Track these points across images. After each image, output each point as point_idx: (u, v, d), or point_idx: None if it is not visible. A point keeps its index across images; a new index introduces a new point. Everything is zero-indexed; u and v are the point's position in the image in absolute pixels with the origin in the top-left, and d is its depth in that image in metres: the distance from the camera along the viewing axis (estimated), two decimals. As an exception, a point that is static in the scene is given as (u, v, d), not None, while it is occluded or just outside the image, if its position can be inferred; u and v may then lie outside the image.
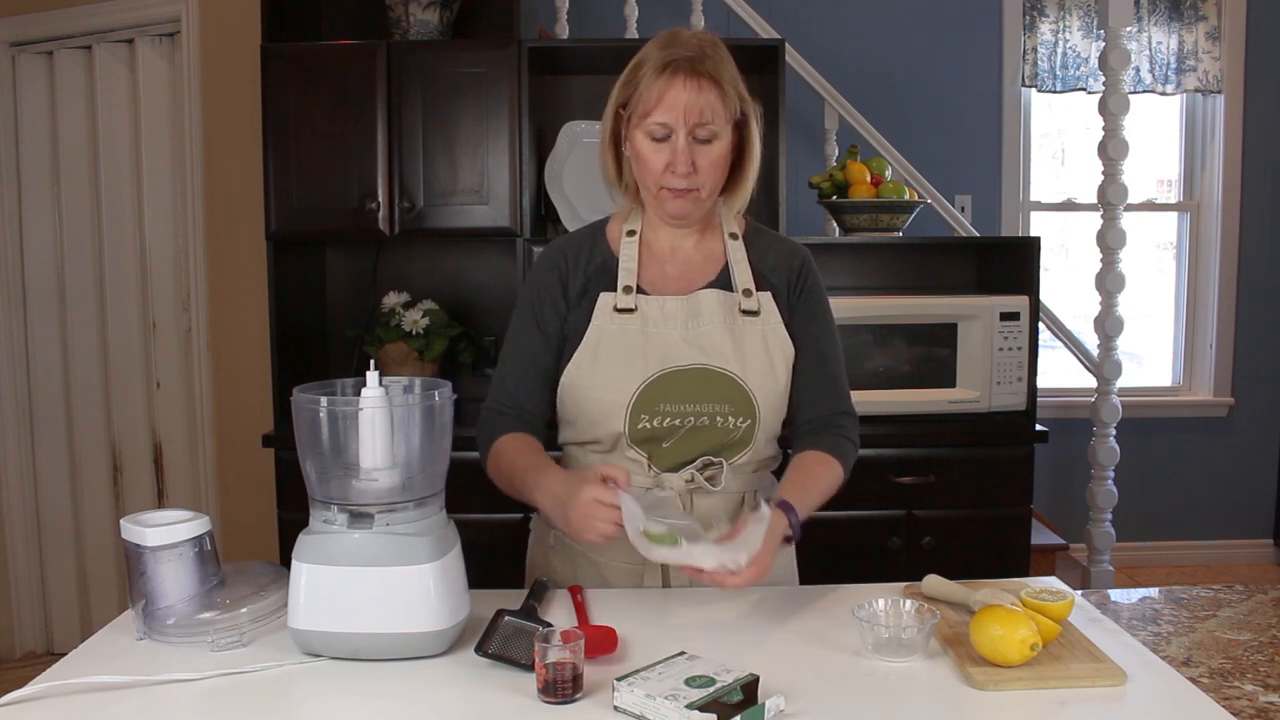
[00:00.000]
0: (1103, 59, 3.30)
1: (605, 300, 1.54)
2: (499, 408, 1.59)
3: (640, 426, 1.50)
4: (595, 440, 1.55)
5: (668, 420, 1.50)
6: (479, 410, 1.62)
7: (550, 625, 1.27)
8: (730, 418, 1.51)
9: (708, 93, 1.44)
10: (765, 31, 3.52)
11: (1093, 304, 3.43)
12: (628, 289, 1.54)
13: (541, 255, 1.63)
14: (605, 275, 1.56)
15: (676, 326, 1.52)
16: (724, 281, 1.56)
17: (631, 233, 1.58)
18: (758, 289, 1.56)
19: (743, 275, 1.56)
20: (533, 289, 1.59)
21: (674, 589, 1.53)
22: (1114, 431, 3.39)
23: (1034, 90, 4.26)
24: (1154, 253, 4.55)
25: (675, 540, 1.29)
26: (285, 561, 1.30)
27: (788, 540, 1.42)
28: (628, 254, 1.56)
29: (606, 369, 1.51)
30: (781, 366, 1.55)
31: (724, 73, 1.46)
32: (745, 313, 1.53)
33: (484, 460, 1.58)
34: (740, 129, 1.51)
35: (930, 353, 2.88)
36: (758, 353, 1.53)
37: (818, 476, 1.53)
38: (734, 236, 1.59)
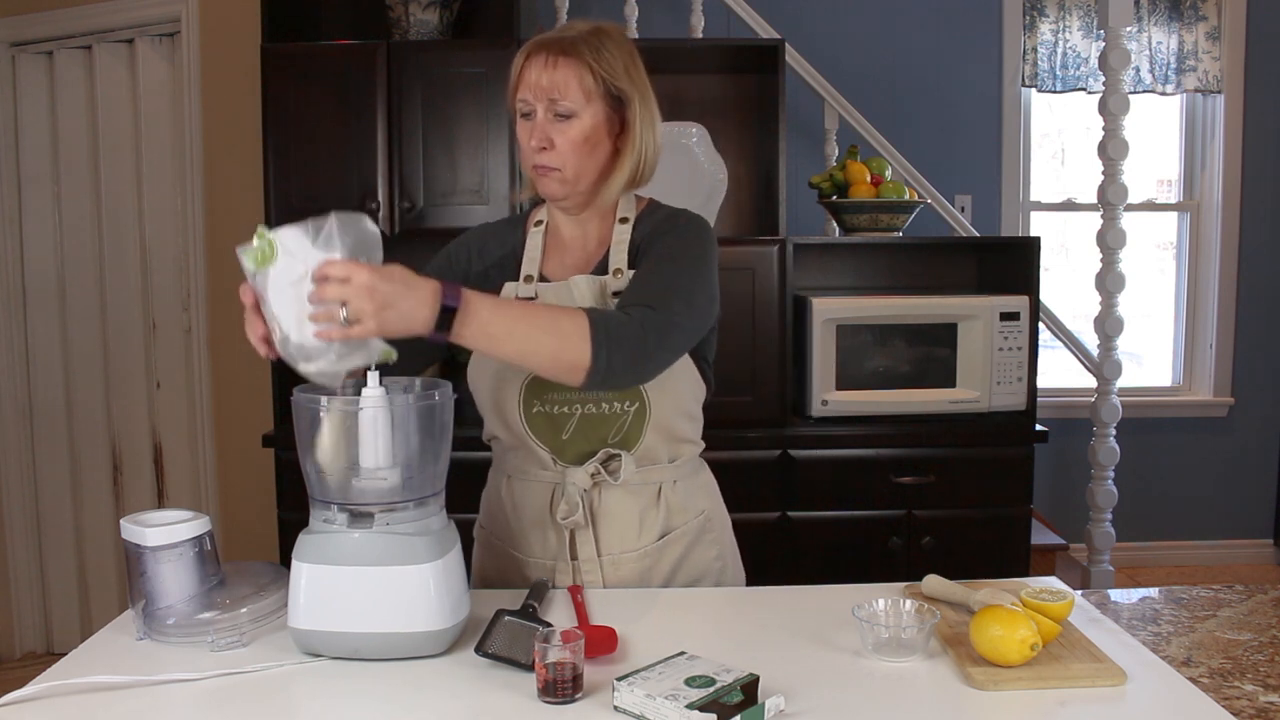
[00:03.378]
0: (1103, 59, 3.30)
1: (508, 290, 1.57)
2: None
3: (535, 412, 1.51)
4: (499, 436, 1.58)
5: (557, 406, 1.51)
6: None
7: (550, 625, 1.27)
8: (615, 402, 1.51)
9: (564, 69, 1.47)
10: (765, 31, 3.51)
11: (1093, 304, 3.43)
12: (529, 278, 1.57)
13: (463, 234, 1.66)
14: (510, 263, 1.60)
15: None
16: (602, 266, 1.56)
17: (539, 223, 1.61)
18: (632, 266, 1.53)
19: (618, 257, 1.54)
20: (441, 260, 1.62)
21: (675, 589, 1.53)
22: (1114, 431, 3.39)
23: (1034, 90, 4.26)
24: (1154, 253, 4.54)
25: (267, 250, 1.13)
26: (285, 561, 1.30)
27: (445, 312, 1.24)
28: (532, 243, 1.60)
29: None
30: None
31: (586, 53, 1.47)
32: (616, 294, 1.51)
33: None
34: (621, 112, 1.51)
35: (930, 353, 2.88)
36: None
37: (528, 304, 1.39)
38: (624, 220, 1.58)
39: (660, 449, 1.55)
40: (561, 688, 1.12)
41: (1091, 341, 3.50)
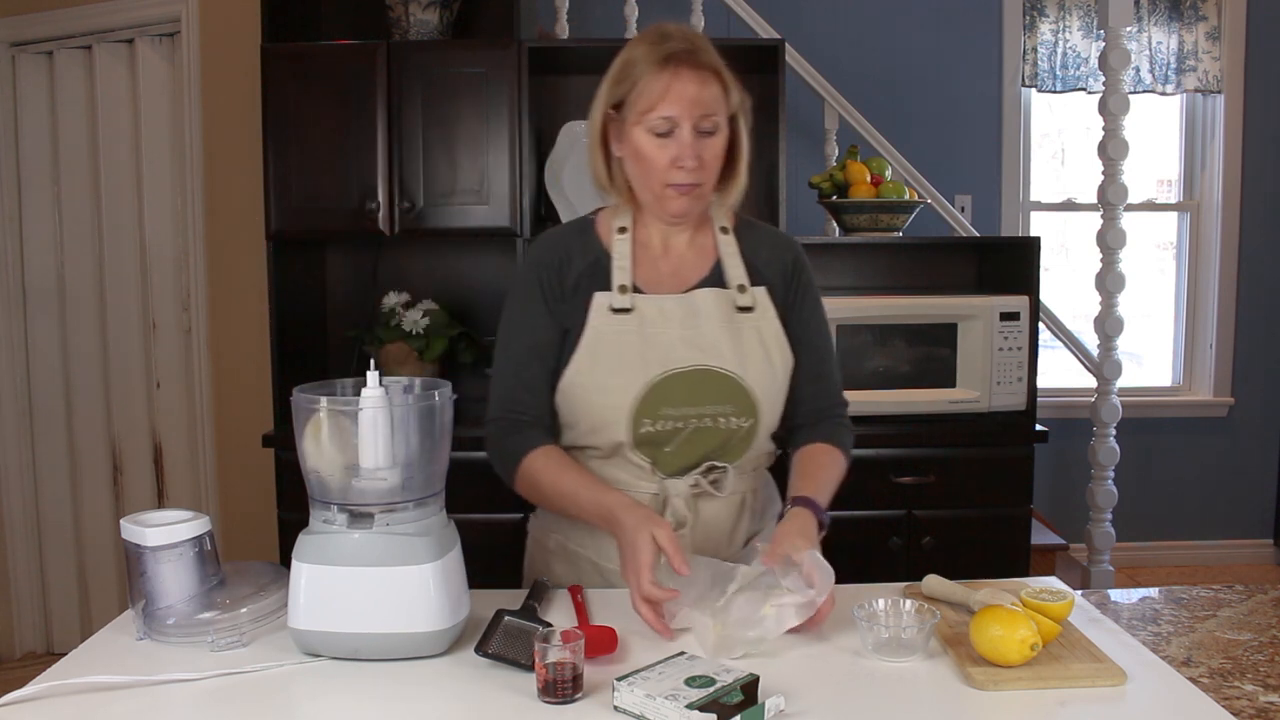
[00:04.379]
0: (1103, 59, 3.30)
1: (600, 300, 1.50)
2: (514, 415, 1.53)
3: (643, 431, 1.48)
4: (595, 446, 1.52)
5: (670, 423, 1.48)
6: (486, 420, 1.55)
7: (550, 625, 1.27)
8: (733, 418, 1.50)
9: (711, 85, 1.44)
10: (765, 31, 3.52)
11: (1093, 304, 3.43)
12: (624, 288, 1.50)
13: (532, 247, 1.59)
14: (598, 272, 1.52)
15: (674, 326, 1.50)
16: (717, 278, 1.55)
17: (623, 229, 1.54)
18: (751, 284, 1.55)
19: (735, 271, 1.54)
20: (530, 284, 1.53)
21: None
22: (1114, 431, 3.39)
23: (1034, 90, 4.26)
24: (1154, 253, 4.55)
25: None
26: (285, 561, 1.30)
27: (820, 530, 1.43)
28: (620, 251, 1.53)
29: (606, 372, 1.48)
30: (779, 362, 1.54)
31: (721, 65, 1.46)
32: (741, 309, 1.52)
33: (509, 476, 1.53)
34: (733, 122, 1.50)
35: (930, 353, 2.88)
36: (755, 350, 1.52)
37: (825, 466, 1.54)
38: (725, 231, 1.57)
39: (756, 460, 1.57)
40: (561, 688, 1.12)
41: (1091, 341, 3.50)
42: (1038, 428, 2.85)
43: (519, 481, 1.52)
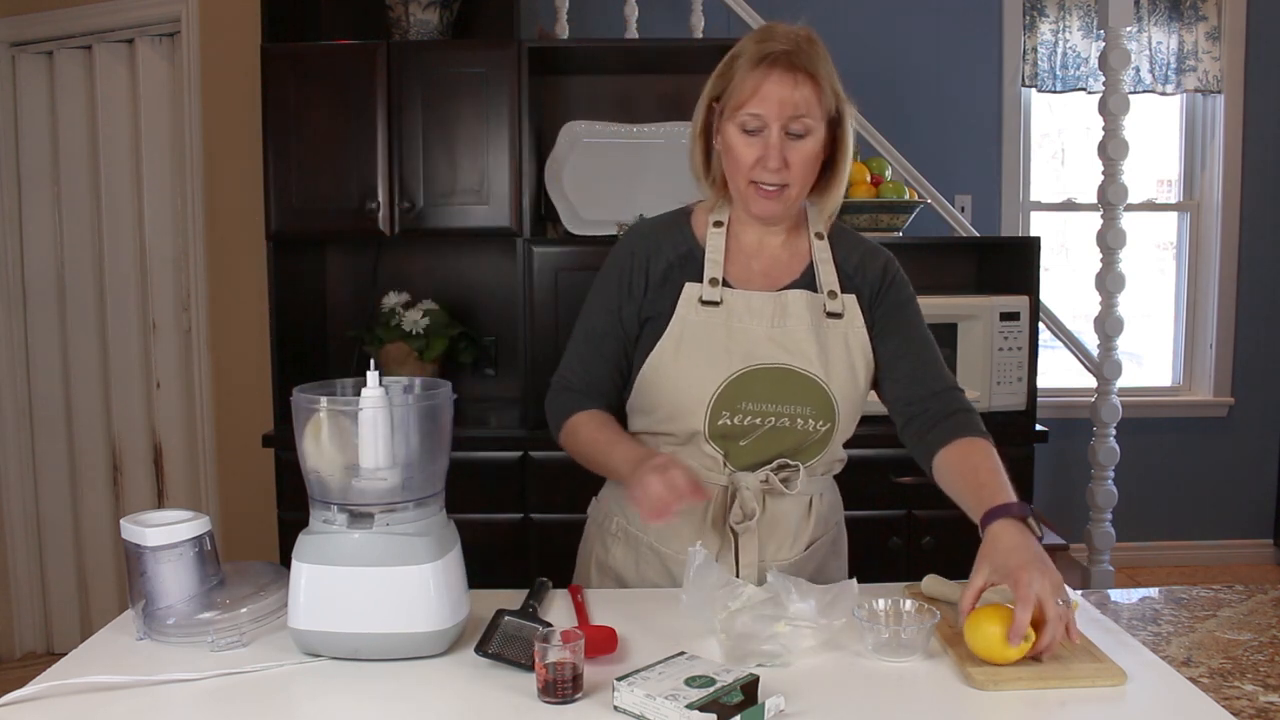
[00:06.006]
0: (1103, 59, 3.30)
1: (690, 291, 1.51)
2: (570, 383, 1.60)
3: (720, 423, 1.49)
4: (671, 433, 1.53)
5: (747, 419, 1.49)
6: (548, 382, 1.64)
7: (550, 625, 1.27)
8: (811, 420, 1.50)
9: (803, 87, 1.43)
10: (765, 31, 3.51)
11: (1093, 304, 3.43)
12: (714, 281, 1.51)
13: (625, 236, 1.62)
14: (690, 264, 1.54)
15: (762, 323, 1.50)
16: (808, 281, 1.55)
17: (719, 224, 1.56)
18: (842, 291, 1.54)
19: (828, 276, 1.54)
20: (613, 269, 1.57)
21: (673, 589, 1.53)
22: (1114, 431, 3.39)
23: (1034, 90, 4.26)
24: (1154, 253, 4.54)
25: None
26: (285, 561, 1.30)
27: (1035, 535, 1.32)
28: (714, 245, 1.54)
29: (689, 362, 1.49)
30: (862, 370, 1.54)
31: (820, 68, 1.45)
32: (830, 314, 1.52)
33: (556, 433, 1.60)
34: (834, 127, 1.49)
35: (930, 353, 2.88)
36: (840, 355, 1.52)
37: (996, 463, 1.46)
38: (820, 236, 1.57)
39: (828, 465, 1.57)
40: (561, 688, 1.12)
41: (1091, 341, 3.50)
42: (1038, 428, 2.85)
43: (564, 437, 1.59)
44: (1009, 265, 3.05)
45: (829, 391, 1.50)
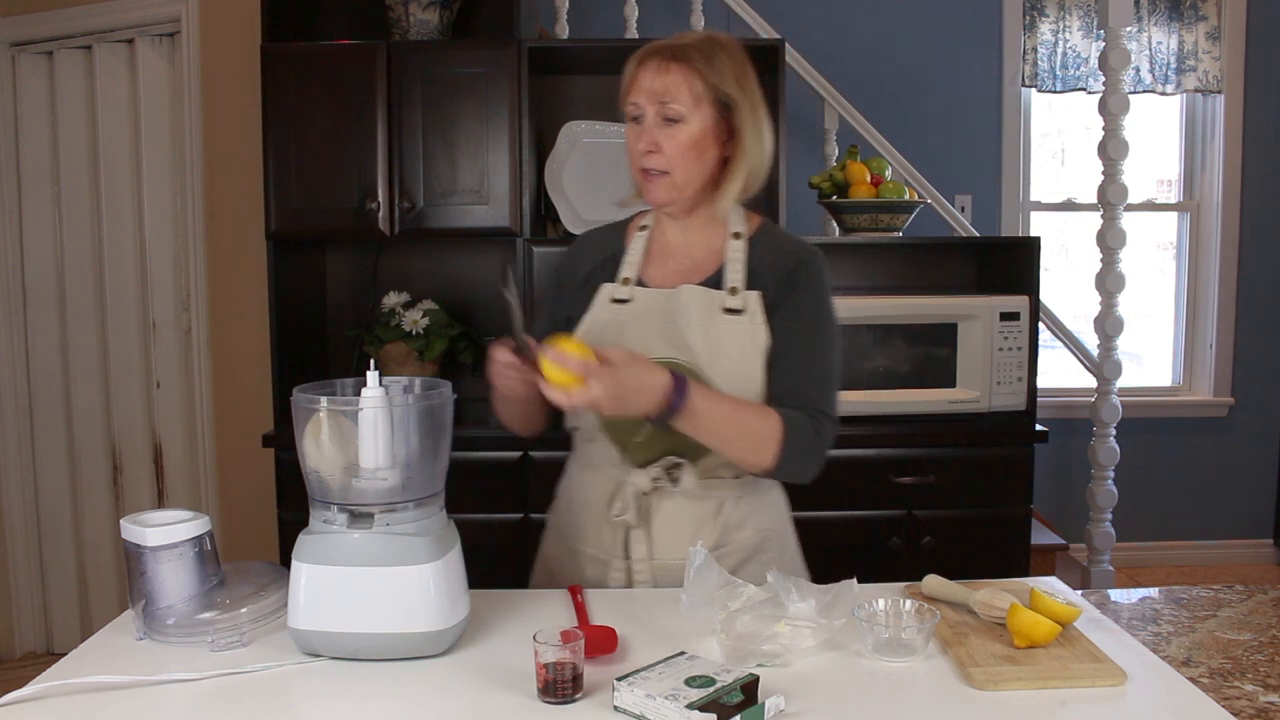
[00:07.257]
0: (1103, 59, 3.30)
1: (605, 290, 1.59)
2: None
3: (611, 417, 1.51)
4: (579, 427, 1.60)
5: None
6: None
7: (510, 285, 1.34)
8: None
9: (673, 74, 1.49)
10: (765, 31, 3.52)
11: (1093, 304, 3.43)
12: (625, 280, 1.59)
13: (573, 242, 1.72)
14: (612, 265, 1.62)
15: (657, 320, 1.54)
16: (717, 279, 1.56)
17: (644, 227, 1.63)
18: (749, 287, 1.55)
19: (734, 274, 1.55)
20: (555, 274, 1.70)
21: (673, 589, 1.53)
22: (1114, 431, 3.39)
23: (1034, 90, 4.26)
24: (1154, 253, 4.54)
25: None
26: (285, 561, 1.30)
27: (668, 410, 1.37)
28: (635, 246, 1.62)
29: None
30: (759, 367, 1.52)
31: (697, 59, 1.49)
32: (728, 310, 1.52)
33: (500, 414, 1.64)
34: (729, 119, 1.52)
35: (930, 353, 2.88)
36: (734, 352, 1.51)
37: (739, 405, 1.46)
38: (737, 236, 1.59)
39: (725, 465, 1.55)
40: (561, 688, 1.12)
41: (1091, 341, 3.50)
42: (1038, 428, 2.85)
43: (496, 407, 1.63)
44: (1009, 265, 3.06)
45: (714, 386, 1.48)
